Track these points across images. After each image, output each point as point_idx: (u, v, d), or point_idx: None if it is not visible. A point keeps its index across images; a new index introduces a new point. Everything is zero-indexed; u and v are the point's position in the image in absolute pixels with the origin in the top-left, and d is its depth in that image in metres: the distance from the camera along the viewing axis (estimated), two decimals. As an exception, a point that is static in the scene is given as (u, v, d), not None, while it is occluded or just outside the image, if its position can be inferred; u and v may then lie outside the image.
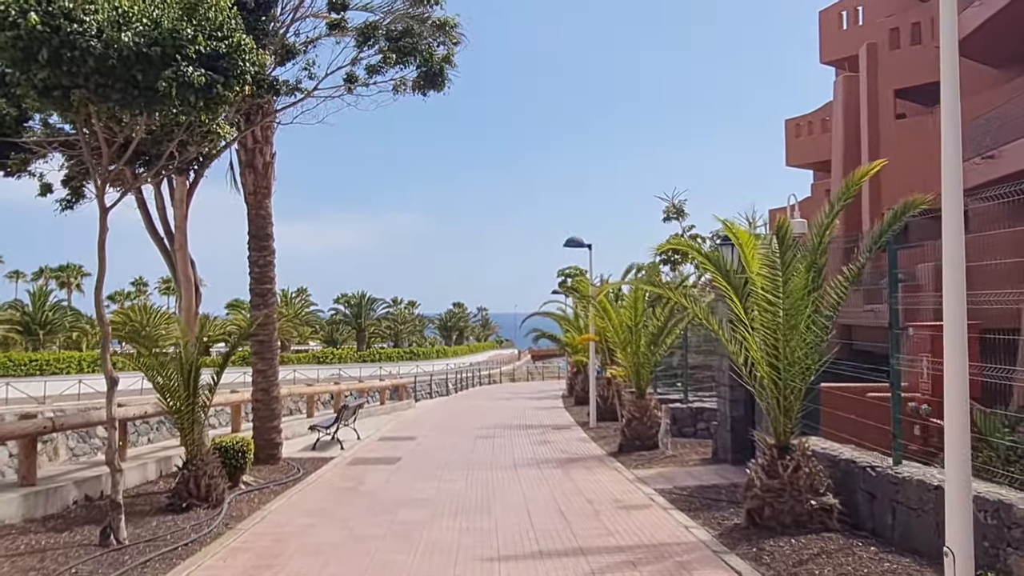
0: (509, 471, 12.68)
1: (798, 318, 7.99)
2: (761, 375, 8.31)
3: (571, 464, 13.36)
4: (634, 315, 14.68)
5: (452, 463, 13.72)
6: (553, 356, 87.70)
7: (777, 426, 8.28)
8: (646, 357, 14.74)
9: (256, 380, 13.17)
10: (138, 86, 6.74)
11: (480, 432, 18.96)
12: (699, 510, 9.34)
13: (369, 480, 12.02)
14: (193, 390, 9.76)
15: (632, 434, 14.57)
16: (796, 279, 7.98)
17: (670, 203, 30.08)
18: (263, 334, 13.12)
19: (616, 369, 17.71)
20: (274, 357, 13.24)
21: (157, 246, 11.02)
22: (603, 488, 10.93)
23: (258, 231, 13.14)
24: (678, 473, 11.98)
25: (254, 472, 12.39)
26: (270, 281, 13.21)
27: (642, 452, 14.25)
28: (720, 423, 12.87)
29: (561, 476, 12.06)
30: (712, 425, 13.71)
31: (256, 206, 13.14)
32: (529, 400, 31.75)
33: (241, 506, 10.04)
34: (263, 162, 13.12)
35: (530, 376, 65.49)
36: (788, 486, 7.93)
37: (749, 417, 12.26)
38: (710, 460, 13.04)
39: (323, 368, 63.21)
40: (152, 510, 9.67)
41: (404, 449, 15.76)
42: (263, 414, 13.11)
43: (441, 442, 16.95)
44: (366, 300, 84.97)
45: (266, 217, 13.20)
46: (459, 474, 12.40)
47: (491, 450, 15.52)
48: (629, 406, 14.82)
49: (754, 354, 8.34)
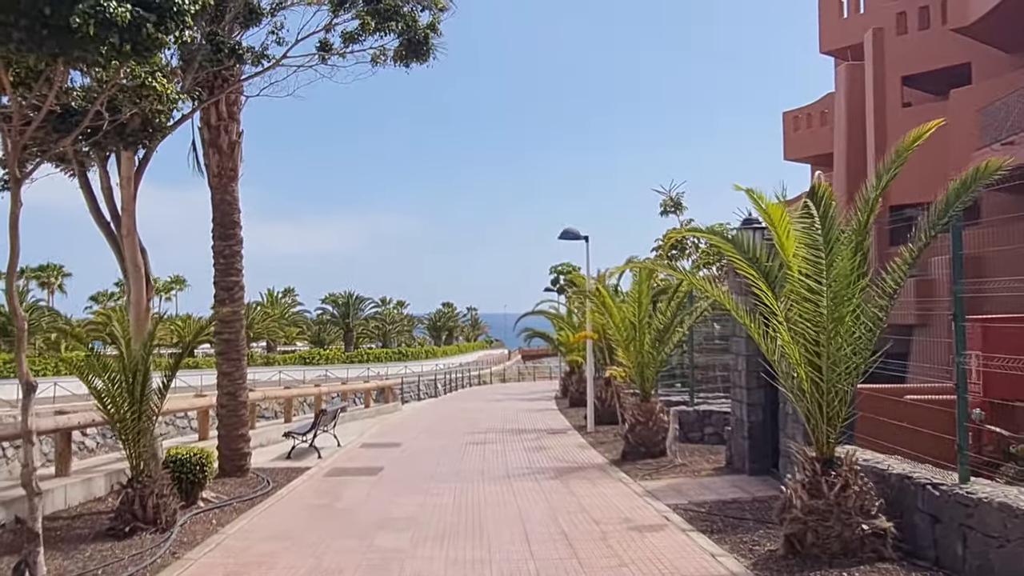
0: (502, 483, 11.42)
1: (844, 308, 6.77)
2: (799, 376, 7.08)
3: (571, 474, 12.12)
4: (638, 310, 13.44)
5: (439, 473, 12.45)
6: (544, 356, 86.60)
7: (819, 436, 7.05)
8: (651, 356, 13.51)
9: (221, 383, 11.87)
10: (47, 23, 5.46)
11: (470, 437, 17.69)
12: (723, 532, 8.10)
13: (347, 494, 10.74)
14: (140, 396, 8.46)
15: (636, 440, 13.34)
16: (842, 262, 6.76)
17: (667, 196, 28.89)
18: (228, 332, 11.82)
19: (616, 369, 16.48)
20: (241, 358, 11.94)
21: (103, 231, 9.70)
22: (609, 504, 9.69)
23: (223, 218, 11.85)
24: (691, 485, 10.75)
25: (218, 486, 11.10)
26: (237, 273, 11.91)
27: (647, 460, 13.02)
28: (735, 429, 11.66)
29: (560, 489, 10.82)
30: (725, 431, 12.50)
31: (221, 190, 11.85)
32: (521, 402, 30.50)
33: (196, 528, 8.74)
34: (228, 141, 11.82)
35: (521, 376, 64.23)
36: (835, 507, 6.71)
37: (769, 423, 11.04)
38: (724, 469, 11.82)
39: (309, 369, 61.84)
40: (91, 535, 8.36)
41: (388, 457, 14.49)
42: (229, 421, 11.82)
43: (428, 449, 15.68)
44: (354, 300, 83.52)
45: (232, 203, 11.91)
46: (447, 487, 11.13)
47: (482, 458, 14.26)
48: (633, 410, 13.59)
49: (790, 352, 7.11)
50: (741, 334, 11.40)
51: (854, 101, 28.71)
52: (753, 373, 11.17)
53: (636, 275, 13.45)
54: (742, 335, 11.35)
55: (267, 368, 60.87)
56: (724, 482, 10.83)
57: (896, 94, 26.11)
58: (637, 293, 13.36)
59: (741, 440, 11.39)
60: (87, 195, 9.75)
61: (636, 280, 13.41)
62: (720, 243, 7.79)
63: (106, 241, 9.70)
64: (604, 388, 19.90)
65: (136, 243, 9.50)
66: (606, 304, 13.82)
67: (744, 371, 11.25)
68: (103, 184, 9.68)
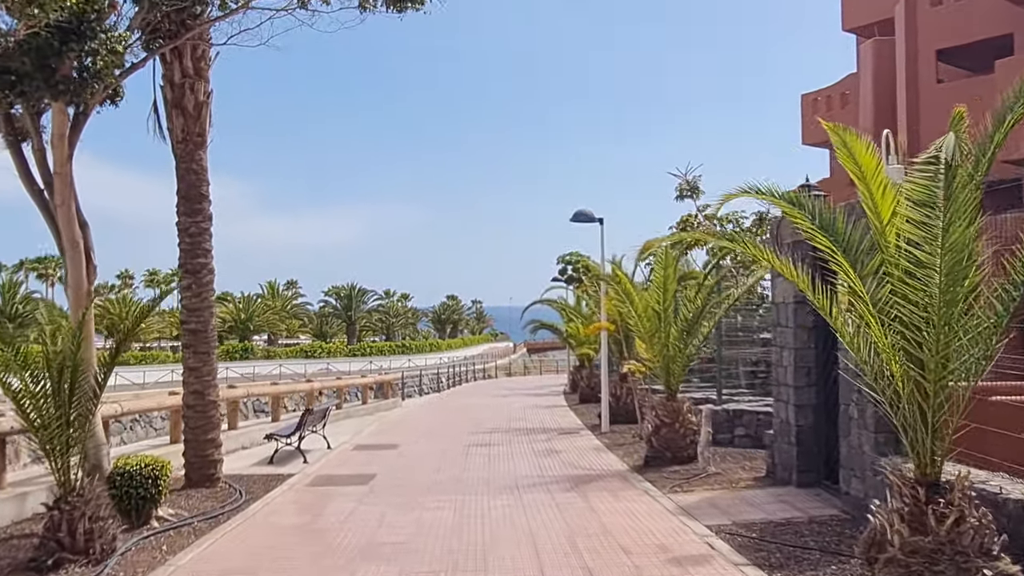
0: (511, 496, 9.88)
1: (958, 290, 5.19)
2: (893, 374, 5.50)
3: (588, 484, 10.57)
4: (663, 297, 11.86)
5: (439, 483, 10.91)
6: (550, 349, 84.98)
7: (921, 452, 5.46)
8: (678, 349, 11.94)
9: (187, 380, 10.34)
10: None
11: (474, 438, 16.16)
12: (785, 568, 6.55)
13: (330, 510, 9.21)
14: (69, 399, 6.93)
15: (661, 444, 11.78)
16: (958, 229, 5.15)
17: (683, 179, 27.22)
18: (195, 321, 10.28)
19: (634, 364, 14.93)
20: (211, 351, 10.40)
21: (35, 201, 8.15)
22: (638, 525, 8.13)
23: (189, 190, 10.30)
24: (730, 500, 9.20)
25: (181, 500, 9.59)
26: (205, 255, 10.37)
27: (674, 467, 11.46)
28: (779, 433, 10.09)
29: (578, 504, 9.27)
30: (765, 434, 10.93)
31: (187, 158, 10.30)
32: (528, 397, 28.96)
33: (140, 559, 7.21)
34: (195, 102, 10.26)
35: (527, 370, 62.73)
36: (947, 546, 5.13)
37: (821, 427, 9.48)
38: (765, 480, 10.26)
39: (311, 362, 60.47)
40: (8, 568, 6.85)
41: (382, 462, 12.96)
42: (197, 423, 10.29)
43: (427, 452, 14.14)
44: (356, 292, 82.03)
45: (200, 172, 10.36)
46: (447, 501, 9.59)
47: (487, 463, 12.72)
48: (658, 409, 12.03)
49: (880, 343, 5.52)
50: (787, 323, 9.83)
51: (882, 79, 27.03)
52: (803, 369, 9.60)
53: (661, 258, 11.86)
54: (788, 324, 9.79)
55: (267, 361, 59.62)
56: (769, 496, 9.27)
57: (930, 69, 24.41)
58: (662, 278, 11.77)
59: (787, 446, 9.81)
60: (16, 158, 8.19)
61: (661, 263, 11.82)
62: (785, 206, 6.19)
63: (40, 214, 8.15)
64: (619, 384, 18.36)
65: (73, 215, 7.95)
66: (627, 291, 12.24)
67: (791, 366, 9.67)
68: (35, 145, 8.13)
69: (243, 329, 71.66)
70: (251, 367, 54.22)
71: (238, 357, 60.79)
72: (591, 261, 26.71)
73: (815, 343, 9.58)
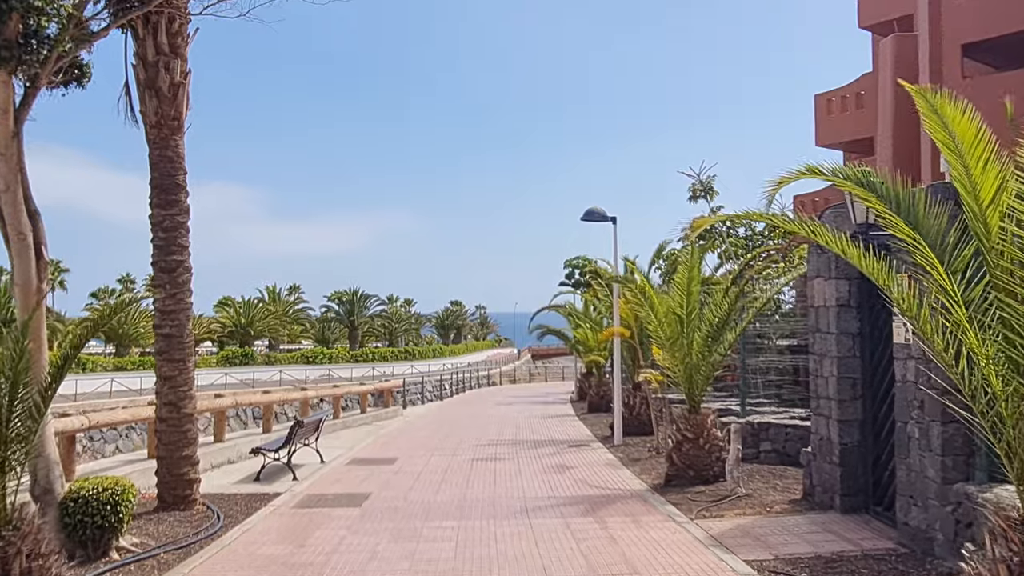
0: (519, 521, 8.84)
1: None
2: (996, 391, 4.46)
3: (605, 507, 9.53)
4: (686, 301, 10.83)
5: (439, 505, 9.88)
6: (555, 355, 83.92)
7: (1032, 487, 4.43)
8: (702, 357, 10.91)
9: (160, 390, 9.32)
10: None
11: (478, 451, 15.13)
12: (851, 620, 5.50)
13: (315, 539, 8.18)
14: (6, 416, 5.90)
15: (684, 461, 10.74)
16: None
17: (696, 180, 26.14)
18: (170, 325, 9.27)
19: (651, 373, 13.89)
20: (186, 358, 9.38)
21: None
22: (667, 560, 7.08)
23: (163, 179, 9.31)
24: (768, 527, 8.15)
25: (150, 525, 8.57)
26: (181, 251, 9.37)
27: (699, 487, 10.43)
28: (819, 451, 9.03)
29: (596, 532, 8.23)
30: (802, 451, 9.87)
31: (160, 144, 9.31)
32: (534, 406, 27.93)
33: (89, 601, 6.20)
34: (170, 82, 9.28)
35: (531, 377, 61.72)
36: (1071, 610, 4.09)
37: (869, 445, 8.44)
38: (802, 503, 9.21)
39: (312, 368, 59.42)
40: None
41: (378, 479, 11.93)
42: (170, 439, 9.27)
43: (427, 467, 13.10)
44: (359, 297, 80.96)
45: (175, 161, 9.37)
46: (448, 528, 8.55)
47: (492, 481, 11.69)
48: (679, 423, 10.99)
49: (979, 354, 4.48)
50: (828, 329, 8.79)
51: (902, 76, 25.97)
52: (847, 380, 8.56)
53: (686, 257, 10.84)
54: (830, 330, 8.75)
55: (268, 367, 58.61)
56: (811, 524, 8.22)
57: (955, 64, 23.38)
58: (686, 279, 10.74)
59: (829, 467, 8.76)
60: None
61: (686, 263, 10.79)
62: (853, 187, 5.16)
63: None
64: (632, 393, 17.33)
65: (20, 202, 6.94)
66: (646, 294, 11.19)
67: (835, 377, 8.62)
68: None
69: (243, 334, 70.70)
70: (251, 373, 53.19)
71: (238, 363, 59.78)
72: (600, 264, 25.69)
73: (861, 351, 8.55)
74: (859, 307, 8.57)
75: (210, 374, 52.18)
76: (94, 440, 20.97)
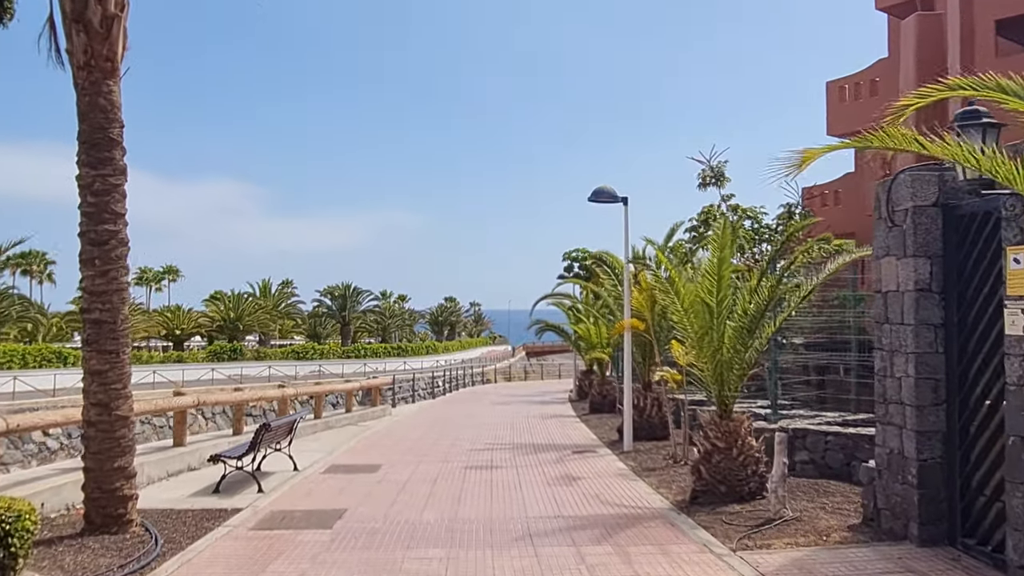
0: (522, 549, 7.24)
1: None
2: None
3: (624, 531, 7.93)
4: (717, 287, 9.24)
5: (425, 527, 8.26)
6: (550, 352, 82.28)
7: None
8: (735, 353, 9.31)
9: (89, 388, 7.67)
10: None
11: (472, 457, 13.54)
12: None
13: (271, 573, 6.56)
14: None
15: (714, 475, 9.14)
16: None
17: (707, 166, 24.61)
18: (100, 309, 7.63)
19: (668, 371, 12.30)
20: (121, 349, 7.73)
21: None
22: (716, 612, 5.48)
23: (94, 133, 7.67)
24: (829, 563, 6.55)
25: (70, 553, 6.96)
26: (114, 219, 7.73)
27: (732, 505, 8.84)
28: (888, 468, 7.44)
29: (619, 568, 6.62)
30: (861, 467, 8.28)
31: (90, 89, 7.67)
32: (531, 405, 26.34)
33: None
34: (102, 14, 7.63)
35: (526, 375, 60.02)
36: None
37: (954, 462, 6.85)
38: (865, 530, 7.62)
39: (302, 364, 57.80)
40: None
41: (356, 491, 10.32)
42: (100, 447, 7.63)
43: (415, 476, 11.49)
44: (351, 292, 79.11)
45: (108, 109, 7.73)
46: (434, 559, 6.94)
47: (489, 495, 10.08)
48: (708, 429, 9.40)
49: None
50: (903, 319, 7.20)
51: (926, 57, 24.47)
52: (928, 382, 6.97)
53: (717, 235, 9.25)
54: (906, 321, 7.15)
55: (257, 363, 56.98)
56: (883, 560, 6.63)
57: (988, 43, 21.83)
58: (717, 261, 9.14)
59: (902, 487, 7.16)
60: None
61: (717, 242, 9.19)
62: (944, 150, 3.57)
63: None
64: (642, 394, 15.74)
65: None
66: (670, 278, 9.55)
67: (911, 378, 7.03)
68: None
69: (232, 329, 68.94)
70: (239, 368, 51.58)
71: (226, 358, 58.12)
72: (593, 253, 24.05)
73: (946, 347, 6.96)
74: (943, 292, 6.98)
75: (197, 369, 50.52)
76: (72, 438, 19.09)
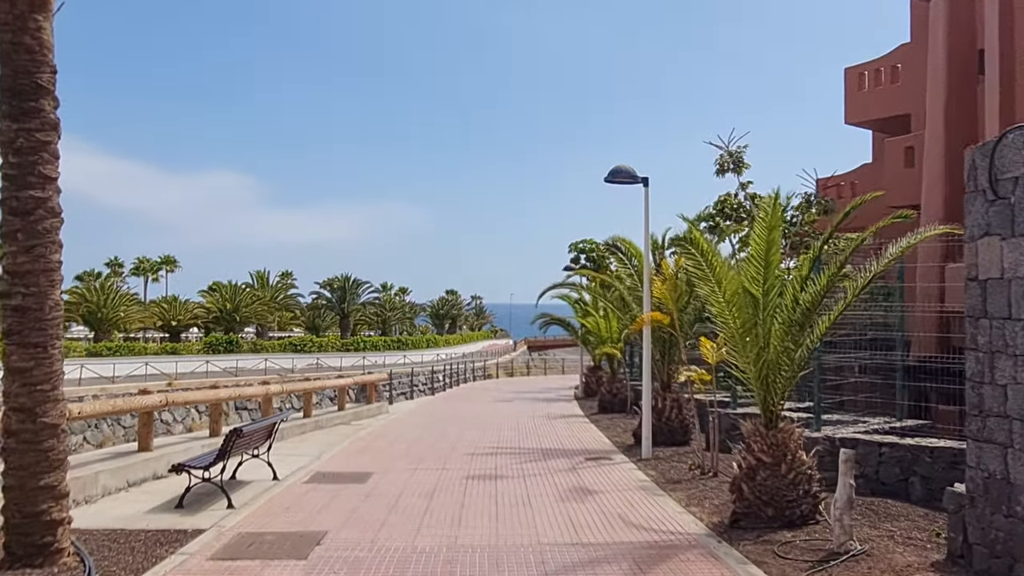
0: (537, 594, 5.87)
1: None
2: None
3: (659, 567, 6.56)
4: (764, 274, 7.86)
5: (419, 558, 6.89)
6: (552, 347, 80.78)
7: None
8: (783, 352, 7.94)
9: (10, 390, 6.30)
10: None
11: (474, 464, 12.18)
12: None
13: (221, 625, 5.21)
14: None
15: (759, 495, 7.77)
16: None
17: (725, 151, 23.22)
18: (23, 293, 6.25)
19: (696, 371, 10.94)
20: (49, 342, 6.35)
21: None
22: None
23: (18, 78, 6.30)
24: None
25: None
26: (43, 184, 6.35)
27: (782, 531, 7.49)
28: (984, 495, 6.06)
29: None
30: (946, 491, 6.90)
31: (14, 27, 6.30)
32: (535, 403, 24.98)
33: None
34: (27, -69, 6.24)
35: (528, 369, 58.64)
36: None
37: (1081, 491, 5.47)
38: (953, 568, 6.26)
39: (300, 357, 56.51)
40: None
41: (341, 507, 8.96)
42: (22, 461, 6.27)
43: (409, 489, 10.13)
44: (351, 284, 77.76)
45: (36, 50, 6.35)
46: (428, 606, 5.58)
47: (493, 513, 8.71)
48: (751, 441, 8.02)
49: None
50: (1010, 312, 5.82)
51: (958, 41, 23.08)
52: (1046, 391, 5.58)
53: (764, 214, 7.86)
54: (1015, 315, 5.77)
55: (253, 355, 55.74)
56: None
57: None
58: (764, 243, 7.75)
59: (1007, 521, 5.79)
60: None
61: (765, 222, 7.80)
62: None
63: None
64: (660, 394, 14.37)
65: None
66: (712, 264, 8.14)
67: (1022, 385, 5.65)
68: None
69: (229, 320, 67.66)
70: (234, 361, 50.29)
71: (222, 350, 56.88)
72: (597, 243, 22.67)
73: (1068, 347, 5.59)
74: (1066, 279, 5.61)
75: (191, 361, 49.24)
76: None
